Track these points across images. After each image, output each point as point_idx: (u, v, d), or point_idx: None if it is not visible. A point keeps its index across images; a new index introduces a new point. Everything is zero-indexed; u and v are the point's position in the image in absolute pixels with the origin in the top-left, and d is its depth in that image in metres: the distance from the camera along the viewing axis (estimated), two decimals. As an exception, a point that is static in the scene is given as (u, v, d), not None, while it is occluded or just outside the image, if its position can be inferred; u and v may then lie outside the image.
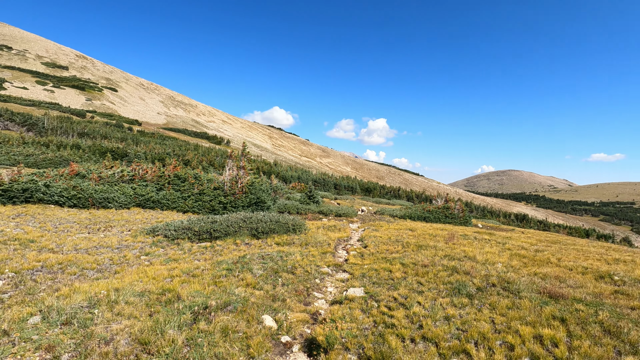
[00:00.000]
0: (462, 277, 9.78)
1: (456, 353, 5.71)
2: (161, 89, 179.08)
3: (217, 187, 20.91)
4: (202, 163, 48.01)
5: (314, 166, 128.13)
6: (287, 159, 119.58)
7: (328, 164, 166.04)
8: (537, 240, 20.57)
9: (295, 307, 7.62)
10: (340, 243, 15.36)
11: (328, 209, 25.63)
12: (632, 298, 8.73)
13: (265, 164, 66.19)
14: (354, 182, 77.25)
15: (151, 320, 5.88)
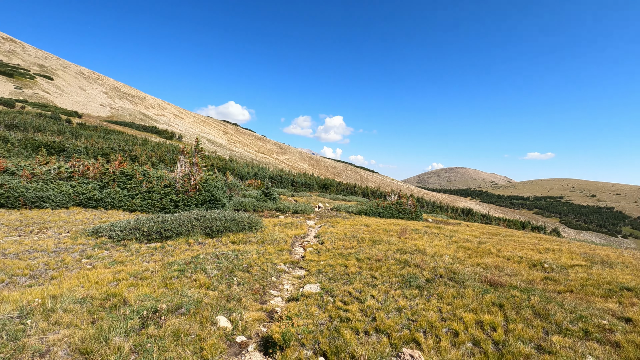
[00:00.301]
0: (413, 270, 10.27)
1: (406, 342, 6.00)
2: (105, 79, 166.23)
3: (168, 185, 19.94)
4: (152, 159, 45.47)
5: (271, 163, 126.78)
6: (243, 156, 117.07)
7: (285, 160, 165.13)
8: (480, 233, 22.14)
9: (251, 306, 7.54)
10: (297, 240, 15.40)
11: (285, 206, 25.54)
12: (559, 283, 9.74)
13: (220, 161, 64.26)
14: (311, 178, 77.63)
15: (94, 327, 5.49)
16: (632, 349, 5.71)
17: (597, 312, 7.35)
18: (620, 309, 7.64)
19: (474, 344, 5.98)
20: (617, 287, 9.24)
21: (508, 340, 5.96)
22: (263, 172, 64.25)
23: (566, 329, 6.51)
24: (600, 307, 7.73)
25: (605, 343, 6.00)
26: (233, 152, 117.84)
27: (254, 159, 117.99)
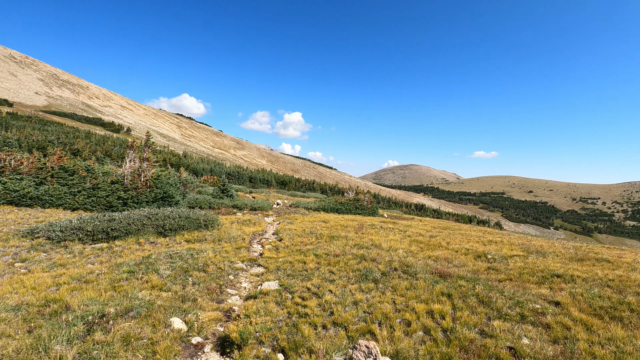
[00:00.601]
0: (369, 264, 10.60)
1: (363, 334, 6.21)
2: (40, 65, 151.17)
3: (116, 181, 18.70)
4: (97, 153, 42.31)
5: (227, 158, 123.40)
6: (198, 151, 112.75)
7: (243, 156, 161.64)
8: (431, 227, 23.34)
9: (207, 306, 7.35)
10: (255, 237, 15.21)
11: (243, 202, 25.07)
12: (500, 272, 10.57)
13: (174, 156, 61.40)
14: (269, 175, 76.81)
15: (31, 337, 5.05)
16: (559, 329, 6.38)
17: (531, 297, 8.11)
18: (551, 293, 8.48)
19: (425, 332, 6.34)
20: (548, 274, 10.24)
21: (455, 327, 6.38)
22: (219, 168, 62.42)
23: (505, 314, 7.11)
24: (535, 292, 8.53)
25: (538, 325, 6.65)
26: (187, 147, 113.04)
27: (209, 154, 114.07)
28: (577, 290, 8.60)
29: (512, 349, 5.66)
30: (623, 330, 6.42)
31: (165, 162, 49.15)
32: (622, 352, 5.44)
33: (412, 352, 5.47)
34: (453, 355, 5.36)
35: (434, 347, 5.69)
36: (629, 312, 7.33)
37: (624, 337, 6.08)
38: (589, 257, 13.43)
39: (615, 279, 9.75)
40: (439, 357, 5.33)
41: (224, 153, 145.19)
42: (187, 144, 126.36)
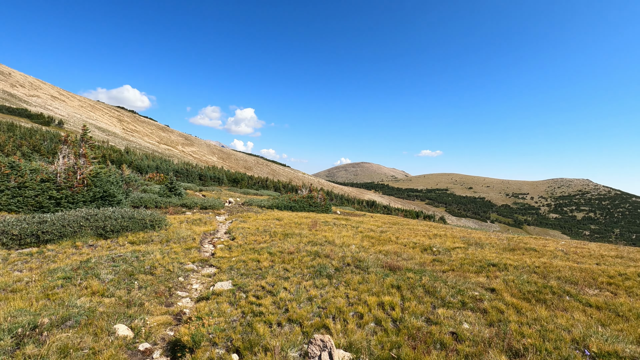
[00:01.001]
0: (323, 260, 10.78)
1: (317, 329, 6.33)
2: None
3: (47, 179, 16.97)
4: (22, 148, 38.00)
5: (175, 155, 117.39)
6: (143, 147, 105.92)
7: (192, 153, 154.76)
8: (382, 223, 24.26)
9: (155, 310, 7.00)
10: (206, 237, 14.72)
11: (192, 201, 24.09)
12: (444, 263, 11.31)
13: (114, 152, 57.06)
14: (220, 172, 74.47)
15: (-55, 356, 4.47)
16: (494, 313, 7.02)
17: (471, 285, 8.81)
18: (488, 281, 9.28)
19: (376, 324, 6.62)
20: (485, 264, 11.18)
21: (404, 317, 6.75)
22: (166, 165, 59.22)
23: (449, 302, 7.66)
24: (474, 281, 9.28)
25: (477, 310, 7.26)
26: (130, 142, 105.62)
27: (155, 150, 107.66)
28: (509, 277, 9.50)
29: (454, 333, 6.12)
30: (546, 310, 7.24)
31: (105, 158, 45.50)
32: (545, 330, 6.13)
33: (365, 342, 5.70)
34: (402, 343, 5.67)
35: (385, 337, 5.97)
36: (551, 295, 8.27)
37: (547, 316, 6.85)
38: (519, 247, 14.87)
39: (540, 266, 10.92)
40: (389, 346, 5.61)
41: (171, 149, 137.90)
42: (130, 139, 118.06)
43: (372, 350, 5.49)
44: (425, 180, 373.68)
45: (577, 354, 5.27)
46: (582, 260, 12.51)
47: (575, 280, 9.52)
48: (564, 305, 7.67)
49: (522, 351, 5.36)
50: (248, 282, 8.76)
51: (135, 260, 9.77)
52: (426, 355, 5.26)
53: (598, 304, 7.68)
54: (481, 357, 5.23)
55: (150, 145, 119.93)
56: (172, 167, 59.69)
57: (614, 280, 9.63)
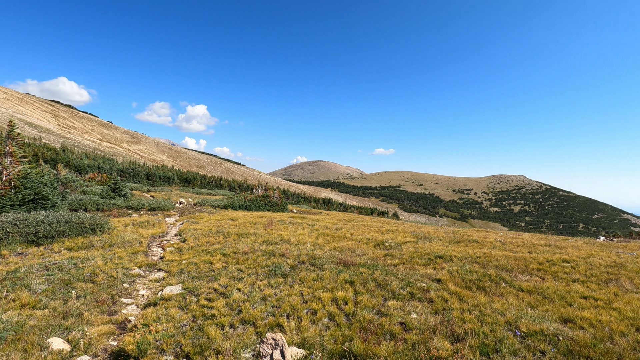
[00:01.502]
0: (278, 259, 10.74)
1: (271, 328, 6.31)
2: None
3: (-35, 181, 15.03)
4: None
5: (120, 154, 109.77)
6: (82, 145, 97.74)
7: (139, 151, 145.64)
8: (337, 220, 24.68)
9: (96, 320, 6.53)
10: (154, 240, 13.98)
11: (139, 203, 22.73)
12: (395, 257, 11.79)
13: (48, 150, 52.04)
14: (171, 172, 70.99)
15: None
16: (440, 302, 7.47)
17: (419, 277, 9.29)
18: (434, 272, 9.84)
19: (330, 319, 6.74)
20: (433, 256, 11.83)
21: (356, 311, 6.95)
22: (110, 165, 55.21)
23: (398, 294, 8.01)
24: (422, 273, 9.78)
25: (424, 300, 7.67)
26: (67, 140, 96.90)
27: (97, 149, 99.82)
28: (453, 268, 10.15)
29: (403, 324, 6.42)
30: (485, 297, 7.84)
31: (36, 157, 41.31)
32: (483, 315, 6.65)
33: (318, 338, 5.78)
34: (354, 336, 5.83)
35: (338, 331, 6.10)
36: (489, 282, 8.97)
37: (486, 302, 7.43)
38: (463, 239, 15.93)
39: (481, 256, 11.79)
40: (341, 340, 5.75)
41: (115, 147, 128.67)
42: (67, 136, 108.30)
43: (324, 346, 5.59)
44: (379, 177, 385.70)
45: (509, 335, 5.78)
46: (517, 249, 13.70)
47: (510, 267, 10.41)
48: (500, 291, 8.36)
49: (463, 336, 5.77)
50: (200, 284, 8.47)
51: (73, 268, 9.02)
52: (376, 346, 5.46)
53: (529, 288, 8.47)
54: (427, 344, 5.54)
55: (90, 143, 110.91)
56: (117, 167, 55.79)
57: (542, 266, 10.68)
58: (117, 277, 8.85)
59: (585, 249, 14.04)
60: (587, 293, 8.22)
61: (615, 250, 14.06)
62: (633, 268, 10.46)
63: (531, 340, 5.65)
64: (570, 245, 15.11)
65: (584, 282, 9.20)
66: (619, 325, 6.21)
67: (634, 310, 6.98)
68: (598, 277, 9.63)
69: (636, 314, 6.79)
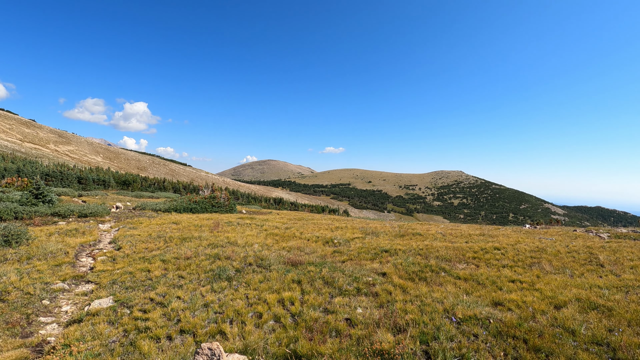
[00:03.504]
0: (223, 263, 10.30)
1: (213, 336, 5.97)
2: None
3: None
4: None
5: (46, 155, 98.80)
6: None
7: (69, 152, 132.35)
8: (288, 219, 24.45)
9: (5, 345, 5.69)
10: (84, 249, 12.68)
11: (67, 209, 20.55)
12: (343, 254, 11.90)
13: (-46, 152, 45.19)
14: (107, 174, 65.46)
15: None
16: (384, 295, 7.64)
17: (366, 272, 9.45)
18: (380, 266, 10.09)
19: (275, 321, 6.57)
20: (379, 251, 12.14)
21: (303, 310, 6.85)
22: (32, 167, 49.41)
23: (345, 290, 8.06)
24: (369, 267, 9.98)
25: (369, 295, 7.80)
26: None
27: (17, 150, 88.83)
28: (398, 261, 10.49)
29: (348, 319, 6.45)
30: (426, 287, 8.19)
31: (-63, 160, 35.58)
32: (424, 305, 6.92)
33: (262, 342, 5.58)
34: (299, 336, 5.73)
35: (283, 333, 5.96)
36: (430, 273, 9.39)
37: (426, 292, 7.75)
38: (408, 233, 16.60)
39: (423, 248, 12.35)
40: (286, 341, 5.61)
41: (39, 149, 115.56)
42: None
43: (268, 349, 5.41)
44: (329, 175, 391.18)
45: (447, 322, 6.06)
46: (456, 240, 14.59)
47: (449, 257, 11.02)
48: (440, 280, 8.79)
49: (405, 326, 5.93)
50: (134, 295, 7.81)
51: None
52: (322, 345, 5.40)
53: (465, 276, 9.02)
54: (371, 337, 5.60)
55: (9, 144, 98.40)
56: (41, 170, 50.06)
57: (477, 254, 11.46)
58: (35, 294, 7.84)
59: (514, 236, 15.38)
60: (515, 277, 8.95)
61: (538, 236, 15.59)
62: (552, 252, 11.65)
63: (466, 325, 5.97)
64: (501, 233, 16.46)
65: (512, 267, 10.03)
66: (540, 305, 6.82)
67: (552, 290, 7.73)
68: (524, 262, 10.56)
69: (554, 293, 7.52)
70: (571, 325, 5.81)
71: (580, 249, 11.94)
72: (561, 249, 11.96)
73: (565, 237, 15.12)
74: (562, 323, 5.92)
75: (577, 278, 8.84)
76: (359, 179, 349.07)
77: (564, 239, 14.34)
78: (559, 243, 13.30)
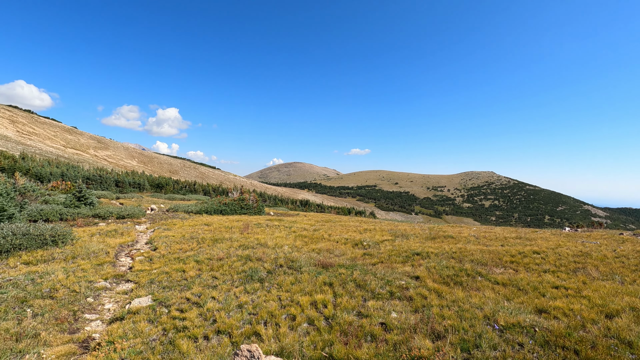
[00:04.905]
0: (255, 264, 10.42)
1: (248, 337, 6.02)
2: None
3: None
4: None
5: (86, 160, 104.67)
6: (44, 152, 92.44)
7: (107, 157, 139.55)
8: (315, 221, 24.49)
9: (55, 341, 6.00)
10: (123, 249, 13.26)
11: (107, 211, 21.62)
12: (373, 257, 11.73)
13: (6, 158, 48.77)
14: (141, 177, 68.41)
15: None
16: (419, 300, 7.43)
17: (398, 275, 9.25)
18: (413, 270, 9.84)
19: (309, 324, 6.53)
20: (410, 254, 11.87)
21: (336, 314, 6.78)
22: (75, 172, 52.45)
23: (378, 293, 7.92)
24: (400, 270, 9.76)
25: (403, 299, 7.61)
26: (27, 147, 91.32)
27: (61, 155, 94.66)
28: (431, 264, 10.20)
29: (383, 324, 6.31)
30: (463, 292, 7.89)
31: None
32: (462, 310, 6.65)
33: (297, 345, 5.56)
34: (334, 340, 5.66)
35: (318, 336, 5.91)
36: (466, 277, 9.05)
37: (463, 297, 7.46)
38: (439, 235, 16.15)
39: (457, 251, 11.95)
40: (321, 345, 5.56)
41: (80, 154, 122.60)
42: (27, 143, 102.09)
43: (304, 352, 5.37)
44: (355, 177, 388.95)
45: (488, 329, 5.79)
46: (490, 243, 14.04)
47: (485, 261, 10.59)
48: (476, 285, 8.45)
49: (443, 333, 5.72)
50: (171, 295, 8.03)
51: (30, 284, 8.34)
52: (357, 349, 5.31)
53: (504, 281, 8.62)
54: (408, 343, 5.44)
55: (54, 150, 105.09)
56: (82, 174, 53.07)
57: (515, 258, 10.94)
58: (80, 292, 8.25)
59: (553, 240, 14.59)
60: (558, 283, 8.45)
61: (580, 240, 14.70)
62: (598, 256, 10.92)
63: (509, 333, 5.68)
64: (539, 237, 15.66)
65: (554, 272, 9.48)
66: (590, 313, 6.38)
67: (602, 298, 7.22)
68: (567, 267, 9.97)
69: (604, 300, 7.02)
70: (627, 336, 5.39)
71: (629, 254, 11.13)
72: (608, 254, 11.20)
73: (611, 241, 14.15)
74: (616, 334, 5.51)
75: (629, 285, 8.22)
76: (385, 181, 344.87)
77: (610, 243, 13.43)
78: (605, 247, 12.47)
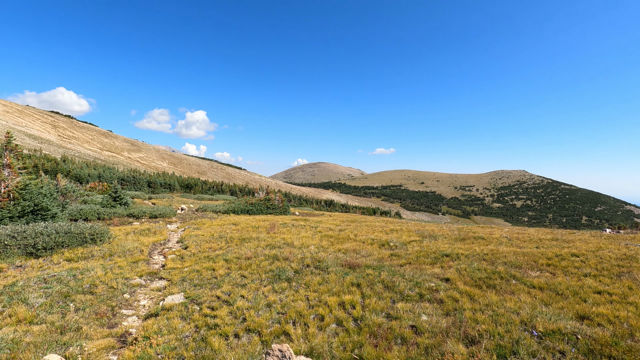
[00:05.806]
0: (282, 264, 10.51)
1: (277, 336, 6.07)
2: None
3: (-38, 195, 14.84)
4: None
5: (120, 162, 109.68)
6: (83, 154, 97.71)
7: (139, 159, 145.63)
8: (340, 221, 24.42)
9: (95, 334, 6.30)
10: (156, 248, 13.77)
11: (140, 210, 22.53)
12: (401, 257, 11.54)
13: (49, 161, 51.94)
14: (172, 178, 70.85)
15: None
16: (450, 302, 7.22)
17: (427, 277, 9.04)
18: (442, 271, 9.59)
19: (337, 324, 6.50)
20: (439, 255, 11.58)
21: (365, 315, 6.71)
22: (110, 173, 55.08)
23: (407, 295, 7.77)
24: (429, 272, 9.54)
25: (433, 301, 7.43)
26: (67, 150, 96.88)
27: (97, 158, 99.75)
28: (461, 266, 9.90)
29: (414, 327, 6.18)
30: (496, 295, 7.60)
31: (36, 168, 41.16)
32: (497, 315, 6.40)
33: (326, 346, 5.54)
34: (364, 342, 5.60)
35: (347, 337, 5.87)
36: (499, 280, 8.72)
37: (497, 301, 7.18)
38: (469, 236, 15.66)
39: (488, 253, 11.54)
40: (351, 347, 5.51)
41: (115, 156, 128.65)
42: (67, 146, 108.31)
43: (333, 353, 5.35)
44: (380, 177, 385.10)
45: (526, 335, 5.53)
46: (524, 244, 13.45)
47: (519, 264, 10.16)
48: (511, 288, 8.12)
49: (478, 337, 5.53)
50: (202, 293, 8.25)
51: (72, 280, 8.81)
52: (388, 352, 5.22)
53: (540, 285, 8.22)
54: (440, 347, 5.30)
55: (91, 153, 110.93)
56: (117, 175, 55.64)
57: (552, 261, 10.42)
58: (118, 288, 8.63)
59: (593, 242, 13.78)
60: (601, 288, 7.97)
61: (624, 242, 13.79)
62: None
63: (549, 340, 5.40)
64: (578, 238, 14.85)
65: (595, 277, 8.95)
66: (638, 321, 5.96)
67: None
68: (610, 271, 9.38)
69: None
70: (682, 347, 4.99)
71: (681, 258, 10.33)
72: (656, 258, 10.44)
73: (659, 243, 13.19)
74: (669, 344, 5.11)
75: (682, 292, 7.62)
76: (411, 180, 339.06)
77: (659, 246, 12.51)
78: (653, 250, 11.63)
